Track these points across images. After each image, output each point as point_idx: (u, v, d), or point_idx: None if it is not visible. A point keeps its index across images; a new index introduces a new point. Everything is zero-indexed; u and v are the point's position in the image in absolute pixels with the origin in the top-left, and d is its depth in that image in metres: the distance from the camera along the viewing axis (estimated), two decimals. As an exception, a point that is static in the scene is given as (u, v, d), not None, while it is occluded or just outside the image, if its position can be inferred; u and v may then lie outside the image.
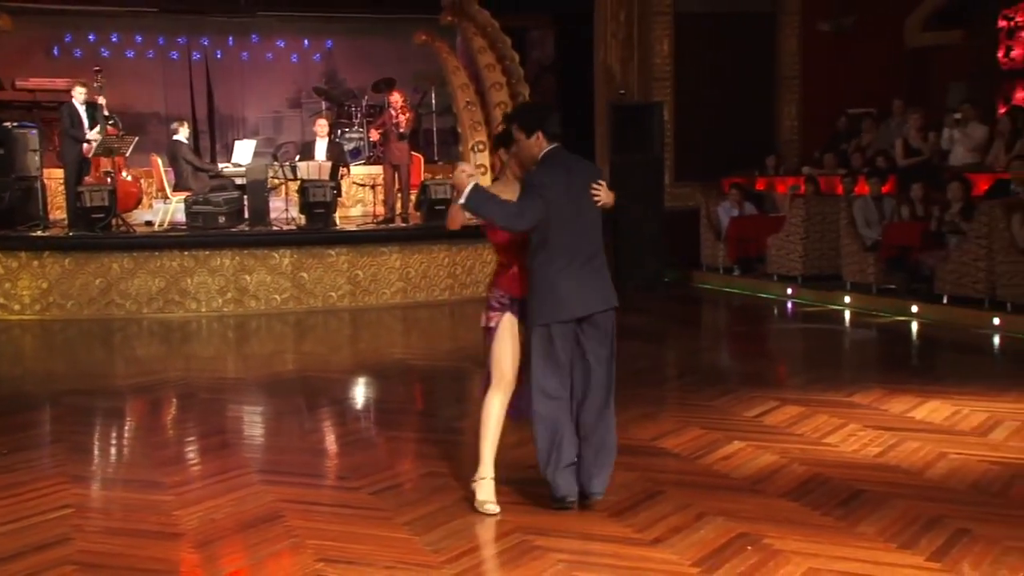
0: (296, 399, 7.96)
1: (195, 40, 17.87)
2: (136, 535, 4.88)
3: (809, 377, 8.21)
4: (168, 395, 8.21)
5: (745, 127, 15.38)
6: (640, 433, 6.48)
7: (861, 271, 11.77)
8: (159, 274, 11.97)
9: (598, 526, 4.85)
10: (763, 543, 4.57)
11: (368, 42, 18.18)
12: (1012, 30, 14.54)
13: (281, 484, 5.59)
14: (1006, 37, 14.59)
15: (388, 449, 6.41)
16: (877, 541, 4.58)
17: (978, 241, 10.23)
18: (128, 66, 17.43)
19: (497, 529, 4.84)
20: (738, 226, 13.69)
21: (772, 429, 6.55)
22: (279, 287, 12.21)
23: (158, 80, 17.66)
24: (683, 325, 11.75)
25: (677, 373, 9.03)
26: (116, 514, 5.19)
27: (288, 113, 18.60)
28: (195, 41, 17.88)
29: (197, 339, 11.01)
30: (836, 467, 5.67)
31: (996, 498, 5.15)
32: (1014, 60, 14.52)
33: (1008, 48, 14.55)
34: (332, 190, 12.81)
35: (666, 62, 15.37)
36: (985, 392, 7.36)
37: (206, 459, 6.27)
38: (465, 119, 13.64)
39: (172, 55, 17.89)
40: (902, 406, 7.02)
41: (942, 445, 6.04)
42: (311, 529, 4.88)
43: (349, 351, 10.43)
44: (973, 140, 12.35)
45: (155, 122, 17.43)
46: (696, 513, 4.97)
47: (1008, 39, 14.57)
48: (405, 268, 12.57)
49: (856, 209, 11.97)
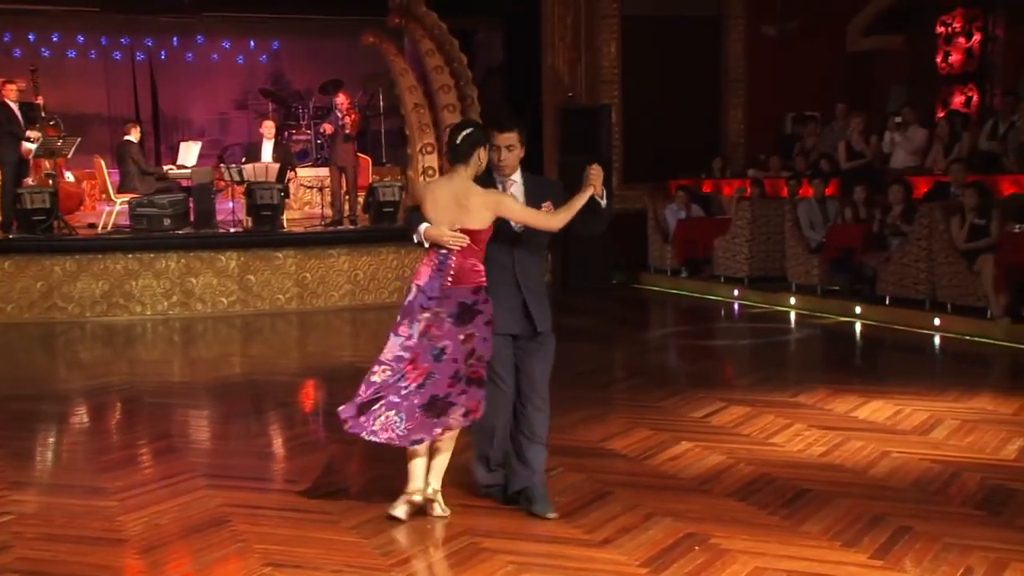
0: (243, 403, 7.89)
1: (139, 40, 17.64)
2: (79, 541, 4.80)
3: (755, 378, 8.30)
4: (112, 399, 8.09)
5: (692, 130, 15.50)
6: (588, 435, 6.50)
7: (806, 273, 11.91)
8: (103, 277, 11.81)
9: (547, 527, 4.86)
10: (710, 543, 4.60)
11: (315, 43, 18.07)
12: (949, 36, 14.82)
13: (228, 488, 5.53)
14: (944, 43, 14.87)
15: (336, 452, 6.37)
16: (822, 539, 4.64)
17: (919, 243, 10.40)
18: (70, 66, 17.19)
19: (446, 532, 4.83)
20: (685, 228, 13.79)
21: (719, 429, 6.61)
22: (226, 290, 12.10)
23: (100, 81, 17.41)
24: (631, 326, 11.82)
25: (625, 374, 9.08)
26: (58, 520, 5.10)
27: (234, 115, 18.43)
28: (139, 41, 17.65)
29: (142, 343, 10.87)
30: (782, 467, 5.73)
31: (936, 496, 5.24)
32: (952, 65, 14.81)
33: (946, 53, 14.83)
34: (279, 192, 12.72)
35: (613, 65, 15.44)
36: (926, 392, 7.48)
37: (151, 464, 6.19)
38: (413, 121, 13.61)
39: (115, 55, 17.65)
40: (846, 406, 7.11)
41: (885, 444, 6.13)
42: (258, 533, 4.83)
43: (297, 354, 10.35)
44: (913, 143, 12.55)
45: (98, 123, 17.19)
46: (644, 514, 4.99)
47: (946, 44, 14.85)
48: (353, 270, 12.51)
49: (800, 211, 12.11)
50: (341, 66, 17.19)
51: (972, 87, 14.61)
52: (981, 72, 14.50)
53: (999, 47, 14.33)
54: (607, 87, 15.40)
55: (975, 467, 5.66)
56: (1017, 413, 6.84)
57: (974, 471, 5.59)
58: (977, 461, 5.79)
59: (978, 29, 14.48)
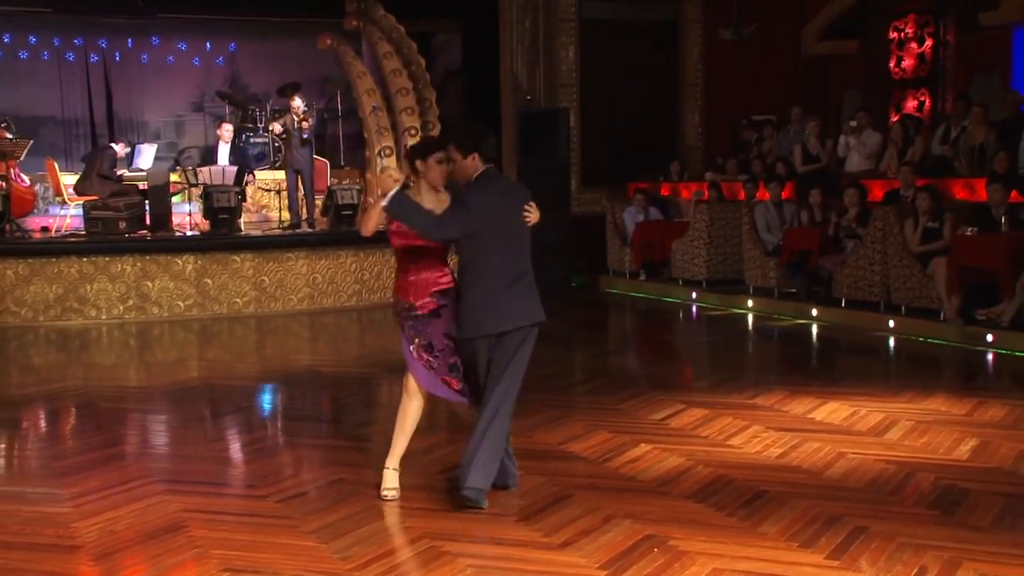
0: (200, 407, 7.82)
1: (92, 41, 17.43)
2: (32, 548, 4.74)
3: (714, 380, 8.35)
4: (66, 404, 7.99)
5: (650, 133, 15.60)
6: (548, 437, 6.52)
7: (763, 275, 12.02)
8: (56, 281, 11.66)
9: (507, 530, 4.87)
10: (669, 544, 4.63)
11: (272, 45, 17.96)
12: (902, 41, 15.03)
13: (185, 494, 5.48)
14: (897, 48, 15.08)
15: (295, 456, 6.33)
16: (779, 540, 4.68)
17: (873, 246, 10.52)
18: (22, 67, 16.95)
19: (406, 535, 4.82)
20: (643, 231, 13.86)
21: (678, 432, 6.65)
22: (182, 293, 11.99)
23: (53, 82, 17.18)
24: (590, 329, 11.85)
25: (585, 377, 9.10)
26: (11, 527, 5.03)
27: (191, 117, 18.26)
28: (92, 42, 17.44)
29: (97, 347, 10.74)
30: (740, 468, 5.78)
31: (891, 496, 5.30)
32: (904, 70, 15.03)
33: (899, 58, 15.05)
34: (237, 195, 12.64)
35: (572, 68, 15.51)
36: (881, 393, 7.57)
37: (106, 469, 6.11)
38: (371, 124, 13.54)
39: (68, 56, 17.43)
40: (803, 407, 7.18)
41: (841, 445, 6.20)
42: (216, 539, 4.79)
43: (255, 358, 10.28)
44: (868, 147, 12.69)
45: (50, 125, 16.97)
46: (604, 516, 5.01)
47: (899, 50, 15.07)
48: (312, 274, 12.45)
49: (757, 214, 12.21)
50: (299, 69, 17.09)
51: (924, 92, 14.84)
52: (933, 77, 14.73)
53: (950, 52, 14.55)
54: (565, 90, 15.46)
55: (929, 467, 5.74)
56: (970, 414, 6.94)
57: (928, 471, 5.66)
58: (931, 461, 5.86)
59: (930, 35, 14.70)
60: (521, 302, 5.20)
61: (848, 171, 12.71)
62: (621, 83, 15.47)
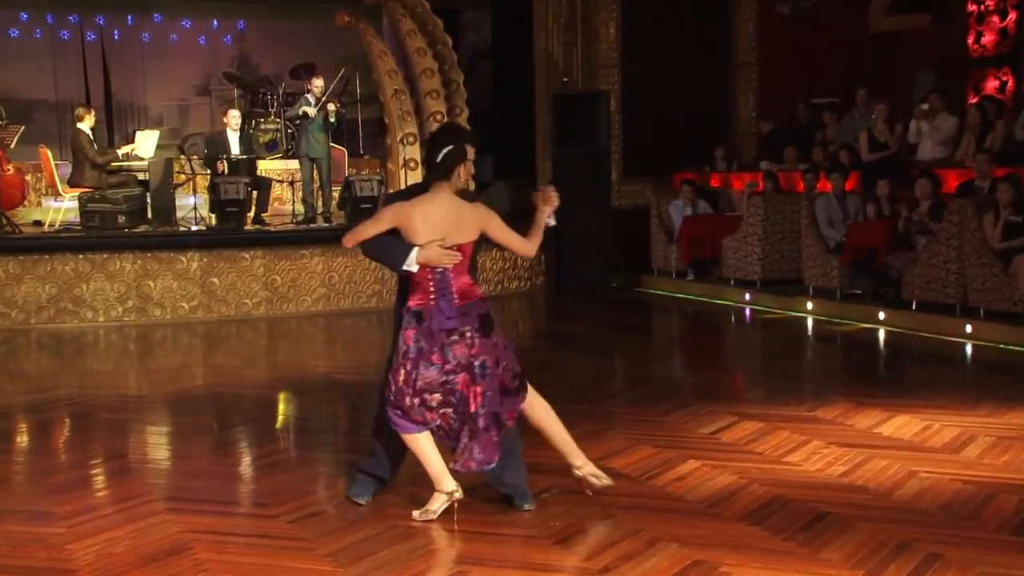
0: (206, 418, 7.87)
1: (89, 19, 17.59)
2: (24, 572, 4.78)
3: (769, 390, 8.31)
4: (60, 415, 8.06)
5: (698, 119, 15.52)
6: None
7: (824, 275, 11.95)
8: (50, 280, 11.77)
9: (542, 554, 4.86)
10: (720, 571, 4.61)
11: (284, 24, 18.06)
12: (982, 15, 14.89)
13: (189, 512, 5.52)
14: (976, 22, 14.94)
15: (309, 473, 6.36)
16: (843, 568, 4.65)
17: (948, 242, 10.44)
18: (12, 47, 17.13)
19: (431, 559, 4.83)
20: (691, 226, 13.81)
21: (729, 447, 6.62)
22: (187, 294, 12.08)
23: (47, 63, 17.34)
24: (632, 334, 11.83)
25: (626, 387, 9.09)
26: (1, 549, 5.08)
27: (196, 101, 18.41)
28: (89, 20, 17.60)
29: (94, 352, 10.83)
30: (798, 488, 5.74)
31: (969, 520, 5.25)
32: (984, 47, 14.88)
33: (978, 34, 14.90)
34: (246, 187, 12.71)
35: (612, 48, 15.47)
36: (957, 405, 7.51)
37: (104, 486, 6.17)
38: (393, 109, 13.59)
39: (63, 35, 17.59)
40: (868, 421, 7.13)
41: (911, 463, 6.15)
42: (223, 562, 4.82)
43: (266, 364, 10.34)
44: (942, 133, 12.60)
45: (44, 110, 17.14)
46: (648, 539, 5.00)
47: (978, 24, 14.92)
48: (328, 273, 12.50)
49: (818, 208, 12.14)
50: (313, 49, 17.18)
51: (1007, 71, 14.68)
52: (1017, 54, 14.57)
53: (1036, 26, 14.41)
54: (605, 72, 15.42)
55: (1011, 488, 5.68)
56: (1056, 429, 6.87)
57: (1010, 493, 5.60)
58: (1013, 482, 5.81)
59: (1013, 7, 14.54)
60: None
61: (920, 159, 12.62)
62: (666, 64, 15.40)
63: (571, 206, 13.77)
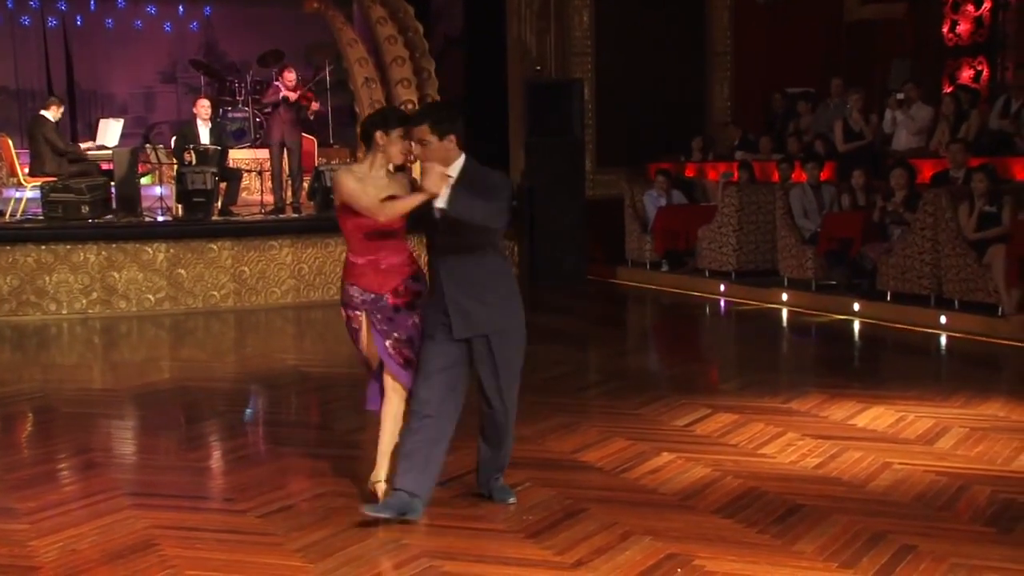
0: (174, 412, 7.84)
1: (50, 4, 17.46)
2: (-13, 569, 4.76)
3: (743, 382, 8.35)
4: (23, 409, 8.01)
5: (673, 108, 15.57)
6: (559, 446, 6.52)
7: (799, 266, 12.01)
8: (11, 271, 11.69)
9: (514, 548, 4.88)
10: (694, 564, 4.64)
11: (253, 10, 17.98)
12: (957, 4, 14.99)
13: (156, 508, 5.50)
14: (951, 11, 15.03)
15: (279, 467, 6.34)
16: (817, 560, 4.68)
17: (923, 233, 10.51)
18: (-28, 34, 16.99)
19: (402, 554, 4.83)
20: (666, 217, 13.85)
21: (703, 439, 6.65)
22: (153, 286, 12.02)
23: (7, 49, 17.23)
24: (606, 326, 11.86)
25: (600, 379, 9.11)
26: (-37, 546, 5.05)
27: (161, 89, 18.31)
28: (50, 5, 17.47)
29: (57, 345, 10.77)
30: (773, 480, 5.78)
31: (943, 511, 5.30)
32: (959, 36, 14.97)
33: (953, 23, 15.00)
34: (214, 176, 12.65)
35: (586, 36, 15.49)
36: (931, 397, 7.56)
37: (68, 482, 6.14)
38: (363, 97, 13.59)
39: (23, 21, 17.46)
40: (843, 413, 7.17)
41: (886, 455, 6.19)
42: (191, 558, 4.81)
43: (234, 357, 10.30)
44: (917, 123, 12.67)
45: (4, 97, 17.02)
46: (621, 532, 5.02)
47: (953, 13, 15.02)
48: (297, 264, 12.47)
49: (793, 198, 12.20)
50: (282, 35, 17.11)
51: (982, 60, 14.78)
52: (992, 43, 14.67)
53: (1011, 15, 14.50)
54: (579, 60, 15.44)
55: (985, 480, 5.73)
56: (1030, 420, 6.94)
57: (984, 484, 5.65)
58: (987, 473, 5.86)
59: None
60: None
61: (895, 149, 12.69)
62: (641, 52, 15.43)
63: (545, 196, 13.92)
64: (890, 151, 12.68)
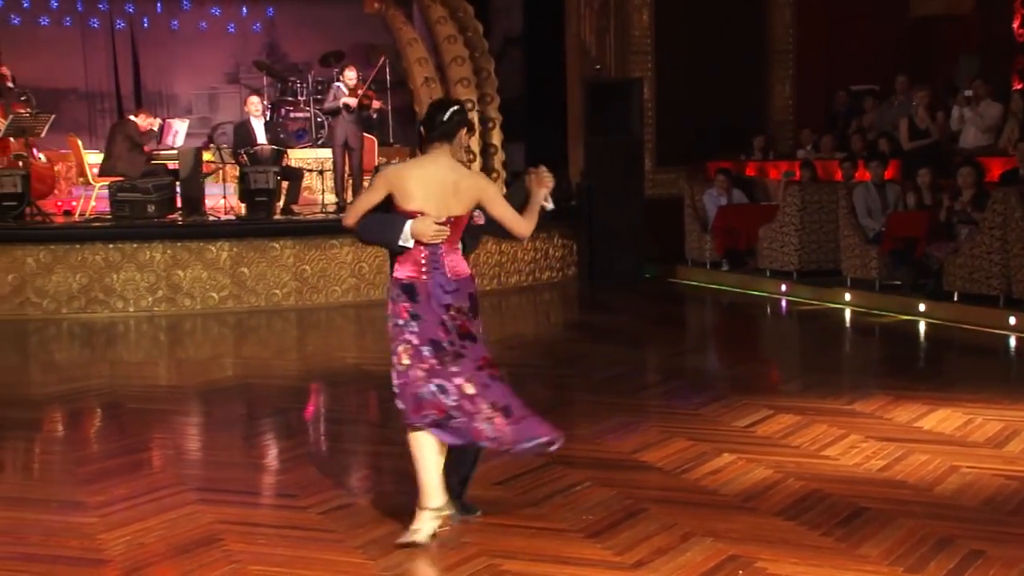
0: (236, 409, 7.93)
1: (118, 6, 17.70)
2: (55, 561, 4.83)
3: (805, 383, 8.28)
4: (91, 405, 8.13)
5: (733, 106, 15.45)
6: (619, 445, 6.51)
7: (862, 266, 11.88)
8: (80, 269, 11.87)
9: (574, 548, 4.87)
10: (756, 566, 4.60)
11: (314, 10, 18.08)
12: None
13: (220, 503, 5.56)
14: (1021, 6, 14.77)
15: (339, 464, 6.39)
16: (881, 564, 4.62)
17: (992, 232, 10.34)
18: (42, 35, 17.26)
19: (462, 552, 4.84)
20: (726, 216, 13.76)
21: (765, 440, 6.60)
22: (216, 284, 12.14)
23: (76, 51, 17.47)
24: (665, 325, 11.80)
25: (660, 379, 9.07)
26: (33, 538, 5.14)
27: (225, 90, 18.48)
28: (118, 7, 17.71)
29: (124, 342, 10.92)
30: (836, 482, 5.72)
31: (1012, 516, 5.21)
32: (1030, 32, 14.71)
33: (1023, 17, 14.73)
34: (276, 176, 12.77)
35: (646, 34, 15.42)
36: (1000, 399, 7.44)
37: (135, 476, 6.22)
38: (423, 97, 13.62)
39: (92, 23, 17.72)
40: (908, 415, 7.09)
41: (953, 458, 6.11)
42: (253, 553, 4.85)
43: (295, 355, 10.39)
44: (986, 120, 12.49)
45: (73, 98, 17.26)
46: (682, 533, 4.99)
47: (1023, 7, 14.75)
48: (358, 263, 12.54)
49: (856, 197, 12.07)
50: (343, 35, 17.21)
51: (1053, 56, 14.52)
52: (1063, 39, 14.41)
53: (1084, 10, 14.23)
54: (639, 59, 15.37)
55: (1054, 483, 5.64)
56: (1101, 423, 6.81)
57: (1053, 488, 5.56)
58: (1056, 477, 5.77)
59: (1059, -10, 14.39)
60: None
61: (962, 147, 12.51)
62: (701, 50, 15.33)
63: (604, 195, 13.88)
64: (957, 149, 12.51)
